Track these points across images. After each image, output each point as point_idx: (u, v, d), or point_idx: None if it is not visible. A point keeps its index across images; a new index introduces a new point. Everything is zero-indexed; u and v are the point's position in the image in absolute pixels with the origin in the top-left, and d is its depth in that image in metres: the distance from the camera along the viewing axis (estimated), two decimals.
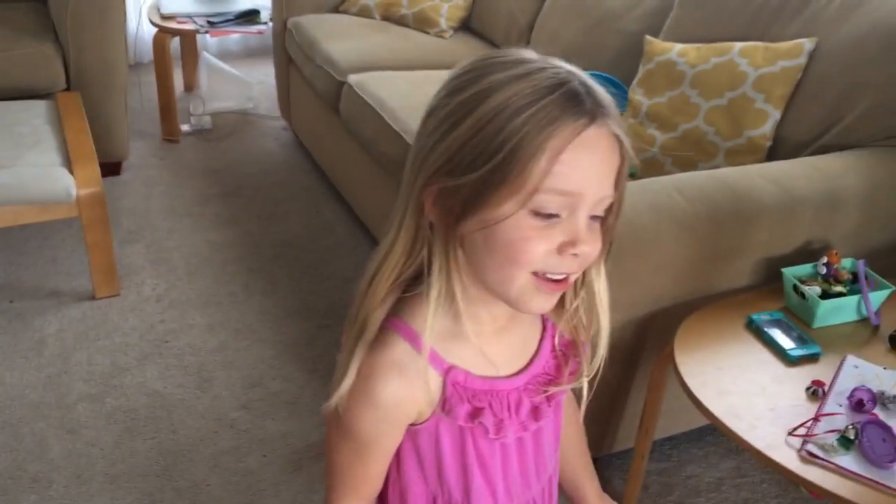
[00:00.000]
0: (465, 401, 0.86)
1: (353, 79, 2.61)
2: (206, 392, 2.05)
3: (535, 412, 0.91)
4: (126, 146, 2.99)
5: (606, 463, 1.87)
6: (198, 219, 2.81)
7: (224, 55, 4.19)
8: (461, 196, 0.77)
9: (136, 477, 1.81)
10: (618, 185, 0.80)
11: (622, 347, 1.64)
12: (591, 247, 0.79)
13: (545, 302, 0.82)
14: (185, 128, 3.41)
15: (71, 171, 2.26)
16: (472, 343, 0.86)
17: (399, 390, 0.83)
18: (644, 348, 1.66)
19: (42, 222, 2.42)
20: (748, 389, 1.40)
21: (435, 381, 0.85)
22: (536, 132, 0.74)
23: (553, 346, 0.95)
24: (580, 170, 0.75)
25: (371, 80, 2.57)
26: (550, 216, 0.76)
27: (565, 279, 0.81)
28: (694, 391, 1.39)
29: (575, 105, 0.75)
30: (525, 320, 0.93)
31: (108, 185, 2.95)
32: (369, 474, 0.91)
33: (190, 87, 3.80)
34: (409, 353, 0.83)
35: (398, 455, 0.91)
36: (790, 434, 1.30)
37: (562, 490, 1.10)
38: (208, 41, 4.14)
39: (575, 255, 0.78)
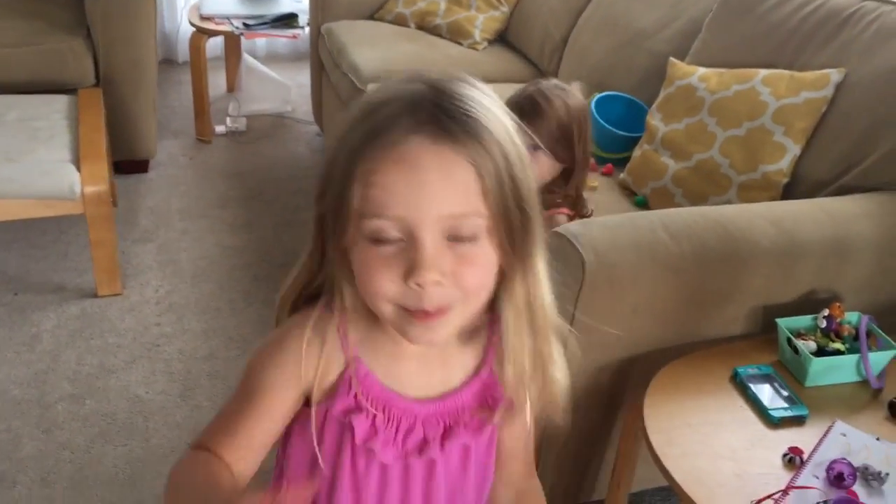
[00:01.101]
0: (351, 395, 0.83)
1: (372, 88, 2.54)
2: (187, 401, 2.01)
3: (423, 445, 0.85)
4: (153, 144, 3.00)
5: None
6: (214, 221, 2.79)
7: (271, 57, 4.19)
8: (322, 223, 0.78)
9: (100, 484, 1.77)
10: (486, 202, 0.72)
11: (599, 392, 1.53)
12: (439, 274, 0.72)
13: (425, 332, 0.77)
14: (219, 128, 3.40)
15: (79, 169, 2.26)
16: (387, 352, 0.83)
17: (305, 342, 0.81)
18: (624, 393, 1.55)
19: (59, 216, 2.42)
20: (718, 451, 1.28)
21: (338, 362, 0.83)
22: (347, 157, 0.73)
23: (483, 384, 0.87)
24: (396, 191, 0.71)
25: None
26: (386, 241, 0.72)
27: (438, 310, 0.74)
28: (656, 449, 1.27)
29: (393, 123, 0.71)
30: (455, 350, 0.86)
31: (134, 182, 2.98)
32: (245, 430, 0.81)
33: (232, 87, 3.80)
34: (327, 321, 0.82)
35: (290, 443, 0.87)
36: None
37: None
38: (257, 43, 4.15)
39: (418, 284, 0.72)
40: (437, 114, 0.71)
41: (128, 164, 2.98)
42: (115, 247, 2.34)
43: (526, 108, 1.55)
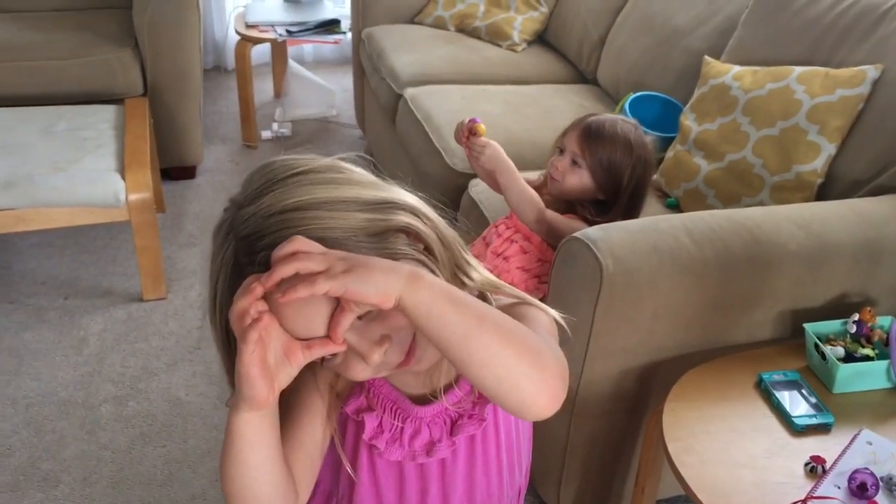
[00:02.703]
0: (362, 395, 0.88)
1: (409, 92, 2.56)
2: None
3: (430, 447, 0.88)
4: (200, 151, 3.07)
5: None
6: None
7: (318, 62, 4.25)
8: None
9: (138, 484, 1.83)
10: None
11: (623, 397, 1.52)
12: (379, 350, 0.75)
13: (417, 366, 0.80)
14: (265, 134, 3.46)
15: (124, 177, 2.32)
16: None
17: None
18: (649, 398, 1.53)
19: (109, 223, 2.49)
20: (737, 460, 1.26)
21: None
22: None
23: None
24: (304, 329, 0.74)
25: (426, 94, 2.52)
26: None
27: (408, 353, 0.78)
28: (673, 456, 1.26)
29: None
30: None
31: (181, 188, 3.05)
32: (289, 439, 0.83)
33: (279, 93, 3.86)
34: None
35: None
36: None
37: None
38: (304, 48, 4.20)
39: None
40: (257, 266, 0.73)
41: (176, 170, 3.05)
42: (160, 253, 2.41)
43: (592, 127, 1.61)
